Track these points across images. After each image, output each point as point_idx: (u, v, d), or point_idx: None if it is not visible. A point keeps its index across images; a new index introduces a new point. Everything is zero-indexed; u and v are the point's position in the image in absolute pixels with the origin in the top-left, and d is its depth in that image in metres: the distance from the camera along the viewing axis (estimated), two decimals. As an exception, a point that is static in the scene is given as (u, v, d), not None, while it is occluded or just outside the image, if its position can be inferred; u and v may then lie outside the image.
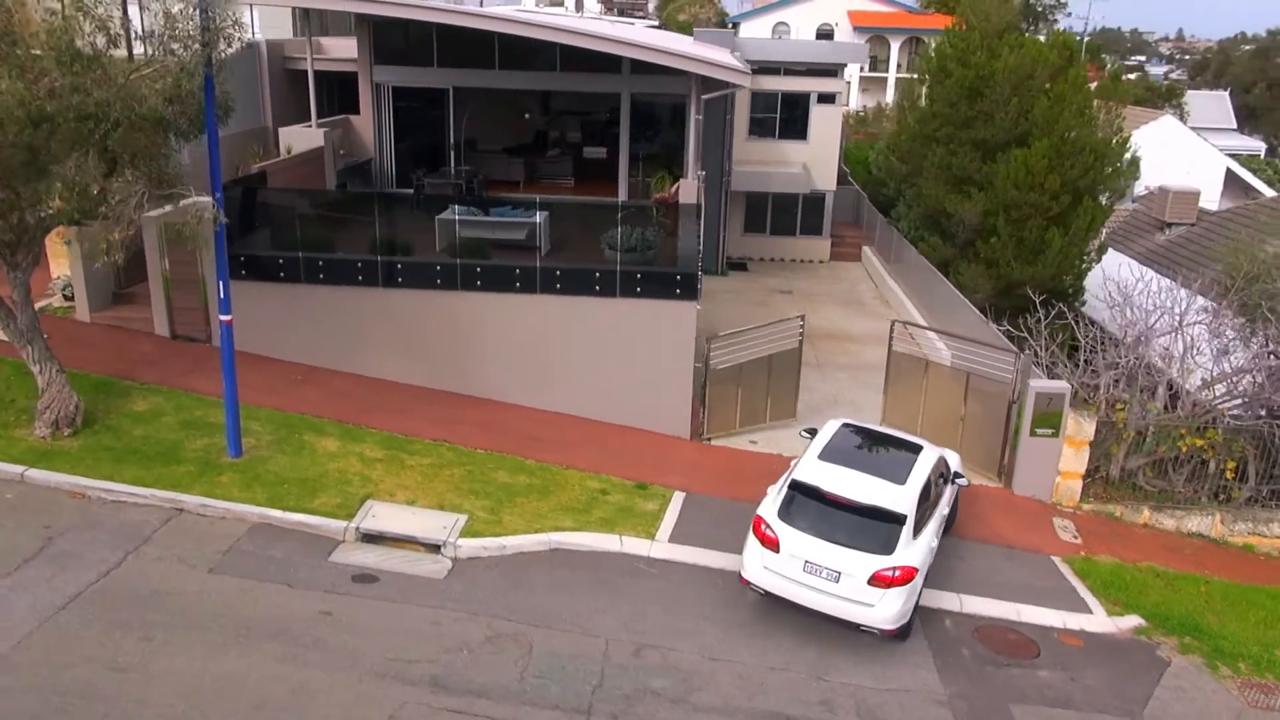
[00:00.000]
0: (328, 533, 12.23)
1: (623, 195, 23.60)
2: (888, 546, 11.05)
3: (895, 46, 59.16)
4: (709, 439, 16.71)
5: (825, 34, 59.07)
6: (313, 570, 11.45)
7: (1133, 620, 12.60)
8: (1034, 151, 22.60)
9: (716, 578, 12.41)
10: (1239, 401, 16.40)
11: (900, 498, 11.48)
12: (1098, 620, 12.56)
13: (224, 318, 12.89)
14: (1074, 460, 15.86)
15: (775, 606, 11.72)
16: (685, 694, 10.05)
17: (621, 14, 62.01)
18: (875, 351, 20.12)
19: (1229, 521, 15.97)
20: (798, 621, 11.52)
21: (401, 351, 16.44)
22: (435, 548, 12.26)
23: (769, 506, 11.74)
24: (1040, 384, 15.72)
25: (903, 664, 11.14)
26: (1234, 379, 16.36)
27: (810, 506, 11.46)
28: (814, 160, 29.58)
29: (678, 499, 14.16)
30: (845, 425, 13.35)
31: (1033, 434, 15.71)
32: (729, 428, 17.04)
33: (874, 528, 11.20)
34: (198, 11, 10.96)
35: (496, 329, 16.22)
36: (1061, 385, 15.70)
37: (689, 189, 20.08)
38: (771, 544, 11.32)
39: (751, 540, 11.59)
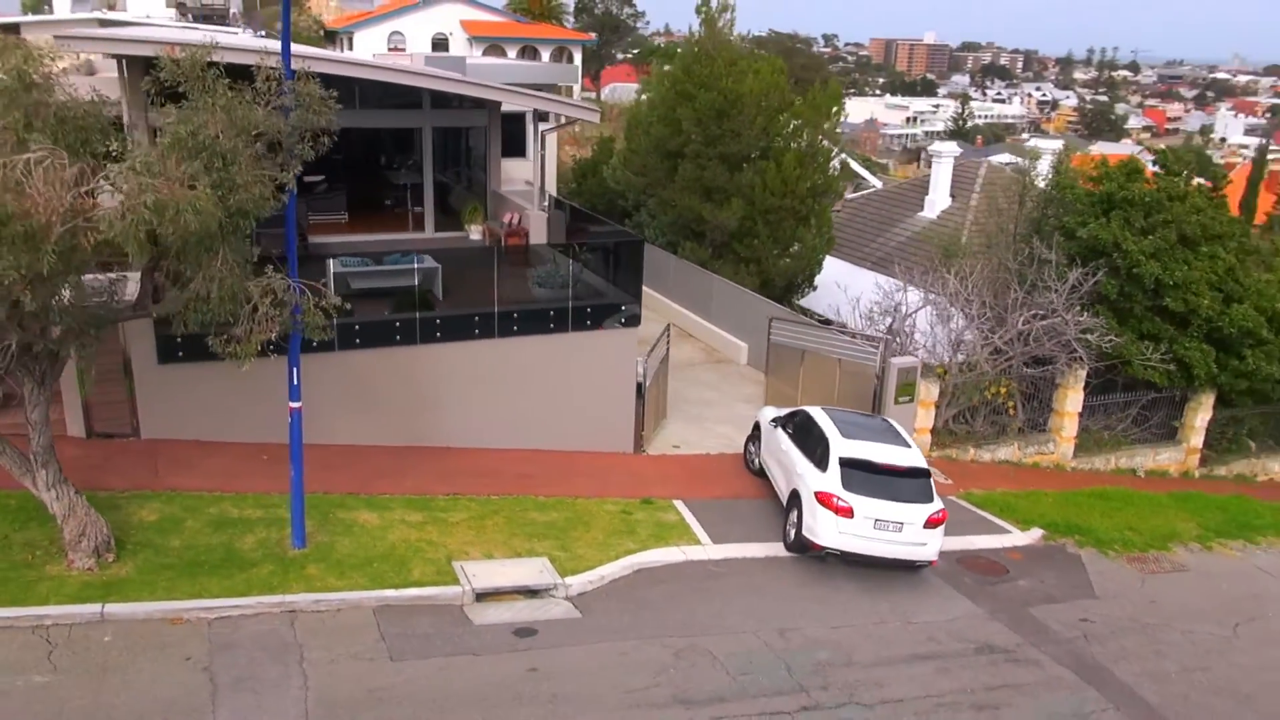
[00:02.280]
0: (446, 600, 12.47)
1: (430, 230, 23.99)
2: (930, 496, 14.23)
3: (512, 53, 61.94)
4: (645, 450, 18.51)
5: (440, 43, 60.17)
6: (475, 636, 11.81)
7: (1038, 531, 16.80)
8: (786, 161, 26.69)
9: (769, 564, 14.56)
10: (1012, 357, 21.57)
11: (918, 457, 14.71)
12: (1018, 537, 16.59)
13: (294, 405, 12.40)
14: (925, 418, 20.00)
15: (825, 571, 14.28)
16: (846, 659, 12.21)
17: (204, 21, 57.97)
18: (676, 351, 22.30)
19: (1023, 448, 21.12)
20: (851, 577, 14.13)
21: (360, 413, 16.19)
22: (543, 591, 13.03)
23: (829, 482, 14.16)
24: (899, 361, 19.58)
25: (943, 598, 14.20)
26: (1009, 341, 21.47)
27: (864, 477, 14.16)
28: (535, 176, 31.47)
29: (683, 507, 15.95)
30: (824, 409, 16.12)
31: (896, 402, 19.55)
32: (649, 437, 18.95)
33: (917, 484, 14.28)
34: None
35: (454, 377, 16.61)
36: (914, 360, 19.72)
37: (538, 220, 21.43)
38: (845, 512, 13.88)
39: (824, 513, 13.98)
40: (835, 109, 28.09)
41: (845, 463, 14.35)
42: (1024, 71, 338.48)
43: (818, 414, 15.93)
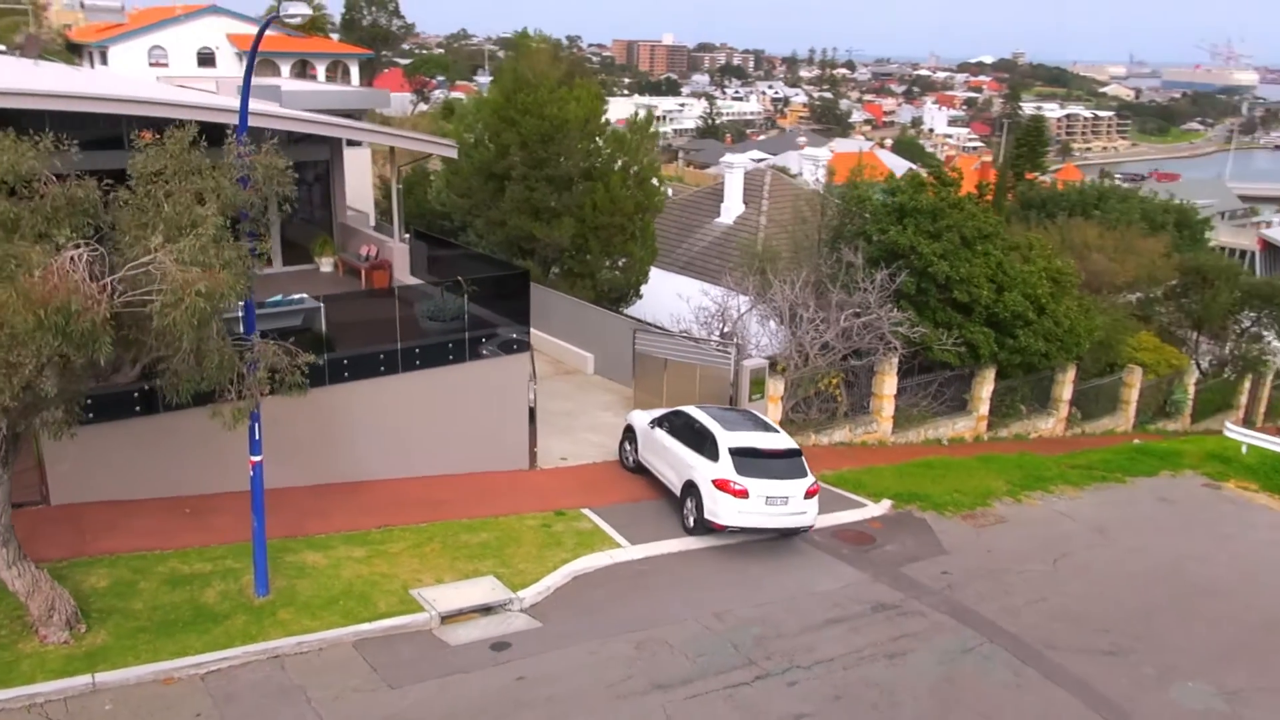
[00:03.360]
0: (417, 626, 13.33)
1: (278, 264, 23.96)
2: (804, 471, 16.85)
3: (285, 68, 60.20)
4: (538, 466, 19.76)
5: (206, 58, 57.63)
6: (456, 655, 12.77)
7: (887, 502, 19.52)
8: (614, 182, 28.50)
9: (685, 558, 16.33)
10: (837, 351, 24.44)
11: (789, 440, 17.38)
12: (873, 509, 19.23)
13: (254, 459, 12.81)
14: (775, 412, 22.42)
15: (732, 557, 16.37)
16: (776, 631, 14.15)
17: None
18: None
19: (853, 430, 24.05)
20: (755, 560, 16.20)
21: (275, 457, 16.39)
22: (499, 607, 14.12)
23: (723, 470, 16.35)
24: (750, 363, 21.89)
25: (832, 569, 16.49)
26: (836, 337, 24.32)
27: (751, 462, 16.51)
28: (353, 199, 31.76)
29: (593, 515, 17.39)
30: (700, 408, 18.32)
31: (750, 399, 21.85)
32: (537, 453, 20.21)
33: (794, 463, 16.84)
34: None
35: (363, 414, 17.17)
36: (762, 361, 22.09)
37: (400, 253, 22.17)
38: (742, 494, 16.20)
39: (723, 497, 16.23)
40: (653, 131, 30.16)
41: (734, 452, 16.64)
42: (756, 71, 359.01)
43: (696, 413, 18.02)
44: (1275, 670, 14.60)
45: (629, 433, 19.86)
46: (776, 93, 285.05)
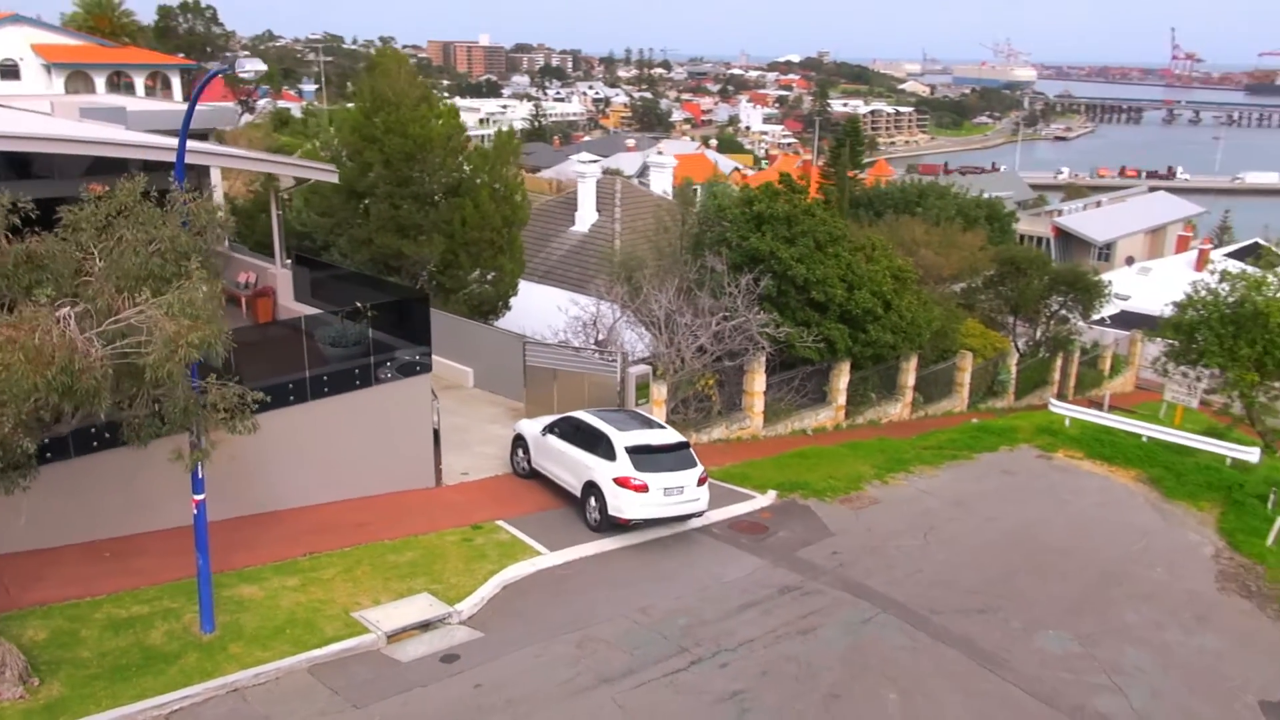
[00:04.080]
0: (366, 647, 13.84)
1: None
2: (694, 461, 18.46)
3: (100, 81, 57.06)
4: (444, 483, 20.33)
5: (10, 70, 53.94)
6: (411, 671, 13.38)
7: (772, 493, 21.16)
8: (482, 198, 29.12)
9: (600, 560, 17.38)
10: (711, 354, 26.00)
11: (677, 434, 18.94)
12: (761, 500, 20.82)
13: (198, 497, 12.97)
14: (659, 414, 23.72)
15: (642, 555, 17.62)
16: (699, 619, 15.42)
17: None
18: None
19: (729, 427, 25.69)
20: (664, 555, 17.45)
21: (183, 495, 16.39)
22: (439, 622, 14.79)
23: (622, 469, 17.63)
24: (635, 369, 23.12)
25: (735, 559, 17.92)
26: (705, 340, 25.85)
27: (647, 458, 17.91)
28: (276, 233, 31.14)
29: (508, 526, 18.20)
30: (589, 412, 19.67)
31: (637, 404, 23.08)
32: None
33: (683, 455, 18.41)
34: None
35: (275, 443, 17.28)
36: (646, 368, 23.34)
37: (283, 279, 22.26)
38: (643, 488, 17.60)
39: (626, 493, 17.58)
40: (516, 144, 30.90)
41: (631, 450, 18.01)
42: (575, 71, 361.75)
43: (586, 417, 19.30)
44: (1116, 616, 17.01)
45: (519, 441, 20.87)
46: (597, 93, 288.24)
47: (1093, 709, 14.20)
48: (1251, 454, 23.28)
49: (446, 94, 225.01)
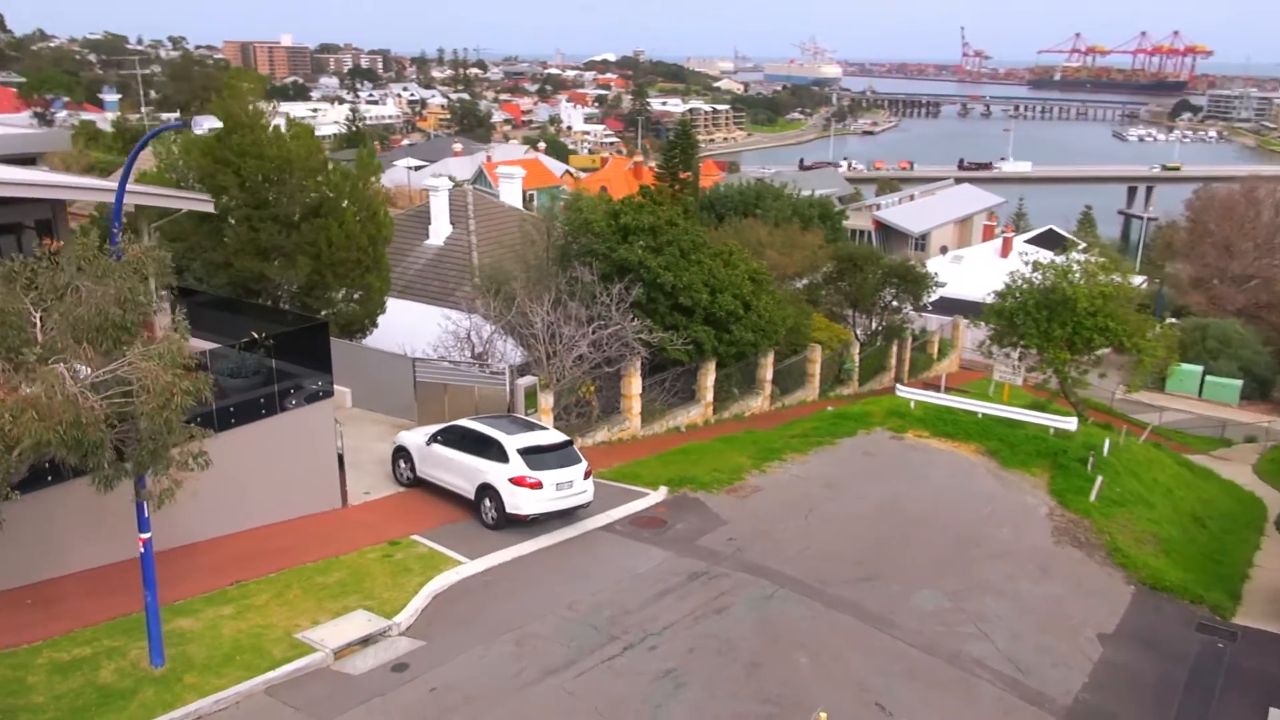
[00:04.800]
0: (316, 665, 14.41)
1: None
2: (579, 457, 20.06)
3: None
4: (350, 503, 20.80)
5: None
6: (366, 682, 14.08)
7: (664, 489, 22.68)
8: (347, 217, 29.30)
9: (518, 564, 18.43)
10: (591, 361, 27.26)
11: (560, 434, 20.54)
12: (655, 496, 22.31)
13: (144, 536, 13.24)
14: (548, 421, 24.84)
15: (557, 556, 18.84)
16: (622, 610, 16.73)
17: None
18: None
19: (610, 430, 27.07)
20: (579, 555, 18.71)
21: (105, 534, 16.37)
22: (380, 636, 15.50)
23: (516, 469, 18.98)
24: (523, 381, 24.16)
25: (643, 552, 19.32)
26: (586, 349, 27.10)
27: (537, 458, 19.32)
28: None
29: (423, 539, 18.95)
30: (473, 420, 21.02)
31: (527, 412, 24.15)
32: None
33: (568, 452, 19.95)
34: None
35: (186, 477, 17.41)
36: (533, 379, 24.42)
37: (162, 313, 22.09)
38: (538, 485, 19.03)
39: (523, 491, 18.97)
40: (377, 163, 31.17)
41: (523, 451, 19.38)
42: (386, 72, 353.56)
43: (471, 424, 20.60)
44: (976, 573, 19.44)
45: (401, 452, 21.90)
46: (412, 95, 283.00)
47: (967, 654, 16.41)
48: (1070, 423, 26.61)
49: (251, 98, 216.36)
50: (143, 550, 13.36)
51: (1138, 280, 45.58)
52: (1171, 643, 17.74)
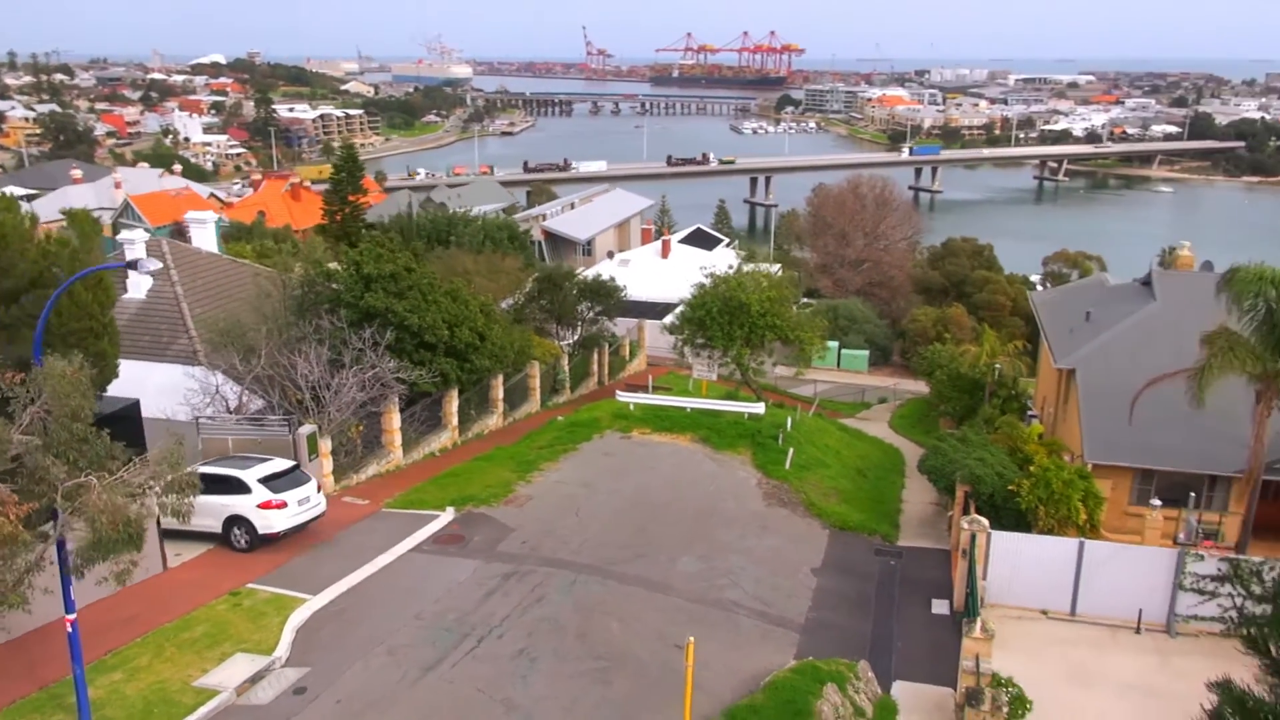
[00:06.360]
0: (227, 704, 16.64)
1: None
2: (308, 476, 23.84)
3: None
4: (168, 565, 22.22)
5: None
6: (277, 709, 16.55)
7: (450, 509, 26.07)
8: (75, 286, 29.30)
9: (358, 590, 21.23)
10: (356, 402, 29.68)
11: (286, 461, 23.98)
12: (445, 516, 25.65)
13: (70, 617, 14.84)
14: (328, 465, 27.24)
15: (387, 577, 21.77)
16: (462, 612, 20.19)
17: None
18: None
19: (379, 463, 29.80)
20: (406, 574, 21.87)
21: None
22: (267, 671, 17.90)
23: (261, 496, 22.39)
24: (304, 429, 26.39)
25: (457, 564, 22.77)
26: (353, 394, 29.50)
27: (277, 483, 22.88)
28: None
29: (259, 585, 21.09)
30: (202, 463, 23.21)
31: (310, 459, 26.44)
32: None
33: (298, 474, 23.53)
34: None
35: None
36: (312, 427, 26.69)
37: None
38: (283, 505, 22.58)
39: (272, 513, 22.46)
40: (100, 229, 31.10)
41: (263, 480, 22.79)
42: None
43: (204, 468, 22.43)
44: (716, 538, 24.94)
45: None
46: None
47: (726, 599, 21.75)
48: (759, 408, 33.21)
49: None
50: (70, 630, 14.93)
51: (774, 268, 54.45)
52: (861, 566, 24.32)
